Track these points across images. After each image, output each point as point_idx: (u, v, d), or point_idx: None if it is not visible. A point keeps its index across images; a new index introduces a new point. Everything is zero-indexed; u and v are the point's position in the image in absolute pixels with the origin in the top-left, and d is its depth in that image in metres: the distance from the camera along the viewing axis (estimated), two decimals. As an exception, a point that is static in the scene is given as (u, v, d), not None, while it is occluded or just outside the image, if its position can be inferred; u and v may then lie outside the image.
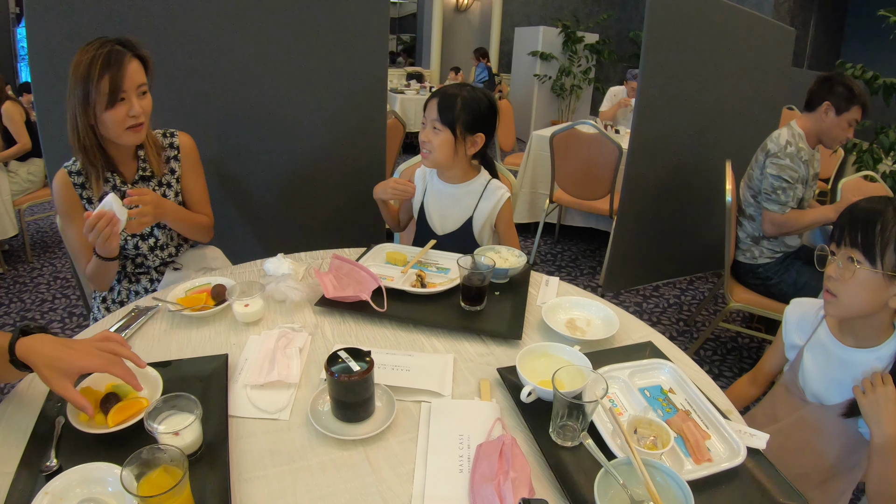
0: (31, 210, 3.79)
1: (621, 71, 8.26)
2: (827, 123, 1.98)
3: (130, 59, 1.22)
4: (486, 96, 1.44)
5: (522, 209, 3.72)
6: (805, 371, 1.13)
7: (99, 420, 0.81)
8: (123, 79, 1.20)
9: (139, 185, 1.39)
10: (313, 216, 2.10)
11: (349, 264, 1.25)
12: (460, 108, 1.38)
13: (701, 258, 2.99)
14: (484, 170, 1.56)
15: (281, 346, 1.01)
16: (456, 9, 8.43)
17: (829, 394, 1.09)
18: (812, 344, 1.13)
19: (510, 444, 0.76)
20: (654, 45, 2.30)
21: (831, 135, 2.00)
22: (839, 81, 1.93)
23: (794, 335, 1.17)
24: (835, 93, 1.93)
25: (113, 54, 1.19)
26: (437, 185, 1.56)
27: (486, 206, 1.51)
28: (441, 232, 1.56)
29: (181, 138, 1.46)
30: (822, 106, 1.96)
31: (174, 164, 1.44)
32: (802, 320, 1.16)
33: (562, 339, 1.09)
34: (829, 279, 1.03)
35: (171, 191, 1.44)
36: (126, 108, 1.22)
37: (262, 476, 0.75)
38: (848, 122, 1.95)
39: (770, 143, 2.05)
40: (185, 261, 1.51)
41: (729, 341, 2.66)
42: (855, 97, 1.91)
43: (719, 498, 0.75)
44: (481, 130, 1.44)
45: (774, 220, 2.03)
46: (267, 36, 1.82)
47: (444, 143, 1.41)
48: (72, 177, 1.31)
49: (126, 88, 1.21)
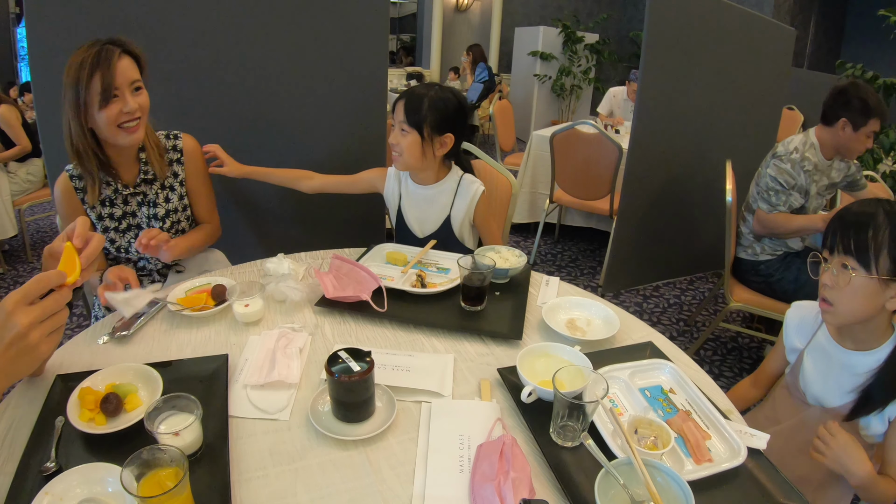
0: (31, 210, 3.79)
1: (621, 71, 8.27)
2: (844, 139, 1.94)
3: (121, 56, 1.20)
4: (454, 96, 1.42)
5: (522, 209, 3.72)
6: (805, 374, 1.13)
7: (99, 420, 0.81)
8: (114, 76, 1.18)
9: (141, 189, 1.38)
10: (313, 216, 2.10)
11: (349, 264, 1.25)
12: (427, 108, 1.36)
13: (701, 258, 2.99)
14: (455, 167, 1.54)
15: (281, 346, 1.01)
16: (456, 9, 8.43)
17: (829, 396, 1.09)
18: (812, 347, 1.13)
19: (510, 444, 0.76)
20: (654, 45, 2.30)
21: (850, 148, 1.95)
22: (855, 95, 1.87)
23: (795, 338, 1.17)
24: (850, 108, 1.88)
25: (102, 53, 1.18)
26: (411, 189, 1.54)
27: (462, 203, 1.51)
28: (421, 235, 1.56)
29: (185, 140, 1.45)
30: (839, 122, 1.92)
31: (177, 167, 1.44)
32: (802, 323, 1.16)
33: (562, 339, 1.09)
34: (825, 288, 1.02)
35: (174, 194, 1.43)
36: (119, 105, 1.21)
37: (262, 476, 0.75)
38: (866, 135, 1.90)
39: (780, 146, 2.05)
40: (188, 264, 1.51)
41: (729, 341, 2.66)
42: (871, 110, 1.86)
43: (720, 498, 0.75)
44: (450, 130, 1.41)
45: (761, 218, 2.05)
46: (266, 36, 1.82)
47: (412, 145, 1.39)
48: (73, 181, 1.31)
49: (118, 85, 1.20)
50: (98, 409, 0.82)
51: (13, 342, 0.63)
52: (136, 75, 1.24)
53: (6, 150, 3.10)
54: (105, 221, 1.36)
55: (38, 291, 0.65)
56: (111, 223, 1.36)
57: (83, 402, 0.82)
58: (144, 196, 1.40)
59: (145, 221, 1.40)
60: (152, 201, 1.40)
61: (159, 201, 1.41)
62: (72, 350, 1.02)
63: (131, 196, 1.38)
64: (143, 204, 1.39)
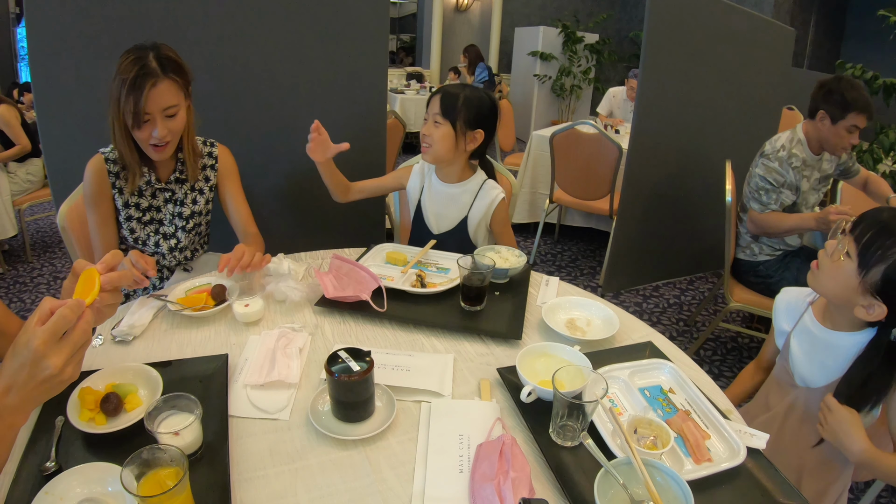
0: (31, 210, 3.79)
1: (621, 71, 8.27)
2: (824, 132, 1.95)
3: (158, 82, 1.20)
4: (488, 97, 1.47)
5: (522, 209, 3.72)
6: (793, 355, 1.16)
7: (99, 420, 0.81)
8: (146, 104, 1.19)
9: (171, 186, 1.40)
10: (313, 216, 2.10)
11: (349, 264, 1.25)
12: (462, 103, 1.41)
13: (701, 258, 2.99)
14: (481, 170, 1.57)
15: (281, 346, 1.01)
16: (456, 9, 8.42)
17: (814, 377, 1.12)
18: (798, 330, 1.17)
19: (510, 443, 0.76)
20: (654, 45, 2.30)
21: (830, 143, 1.97)
22: (834, 89, 1.88)
23: (783, 321, 1.21)
24: (828, 101, 1.90)
25: (139, 76, 1.17)
26: (434, 184, 1.57)
27: (481, 205, 1.53)
28: (437, 231, 1.57)
29: (220, 151, 1.48)
30: (818, 115, 1.94)
31: (210, 172, 1.46)
32: (790, 307, 1.21)
33: (562, 339, 1.09)
34: (824, 253, 1.06)
35: (202, 197, 1.45)
36: (150, 128, 1.23)
37: (262, 476, 0.75)
38: (846, 129, 1.90)
39: (767, 144, 2.06)
40: (197, 265, 1.53)
41: (729, 341, 2.66)
42: (849, 105, 1.85)
43: (719, 498, 0.75)
44: (481, 127, 1.46)
45: (754, 218, 2.06)
46: (266, 36, 1.82)
47: (444, 137, 1.43)
48: (108, 164, 1.32)
49: (150, 111, 1.21)
50: (98, 409, 0.82)
51: (46, 380, 0.63)
52: (172, 100, 1.24)
53: (6, 150, 3.11)
54: (130, 210, 1.37)
55: (64, 327, 0.64)
56: (136, 213, 1.38)
57: (83, 403, 0.82)
58: (173, 194, 1.42)
59: (168, 219, 1.42)
60: (180, 200, 1.43)
61: (187, 202, 1.43)
62: (72, 350, 1.02)
63: (160, 191, 1.40)
64: (169, 201, 1.42)
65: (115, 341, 1.04)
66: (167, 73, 1.22)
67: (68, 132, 1.70)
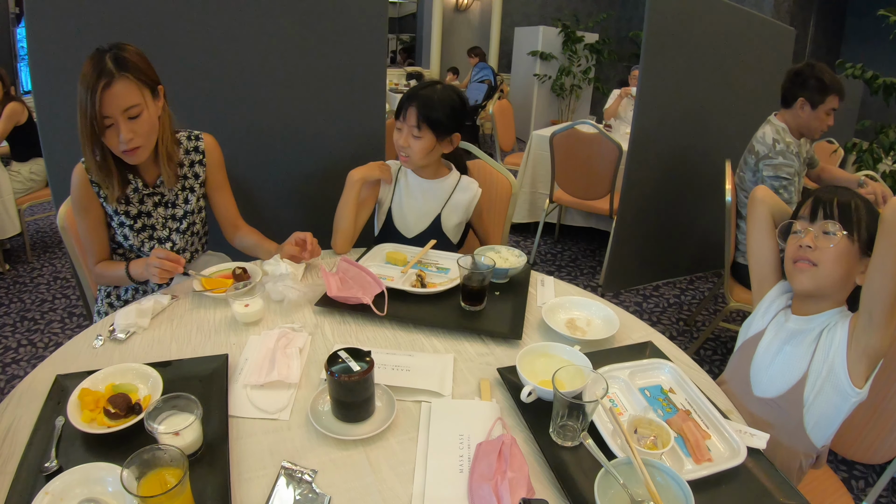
0: (32, 210, 3.78)
1: (621, 71, 8.26)
2: (805, 118, 2.01)
3: (113, 81, 1.12)
4: (457, 94, 1.48)
5: (522, 209, 3.72)
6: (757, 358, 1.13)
7: (99, 420, 0.81)
8: (102, 105, 1.13)
9: (159, 189, 1.38)
10: (313, 216, 2.10)
11: (356, 268, 1.24)
12: (438, 112, 1.41)
13: (701, 258, 2.99)
14: (455, 169, 1.60)
15: (281, 346, 1.01)
16: (456, 9, 8.43)
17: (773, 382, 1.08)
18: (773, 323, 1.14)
19: (509, 443, 0.76)
20: (654, 45, 2.30)
21: (811, 127, 2.03)
22: (810, 75, 1.96)
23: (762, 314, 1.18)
24: (807, 87, 1.97)
25: (95, 79, 1.11)
26: (411, 180, 1.58)
27: (463, 197, 1.56)
28: (408, 235, 1.58)
29: (207, 141, 1.43)
30: (798, 102, 2.00)
31: (199, 168, 1.42)
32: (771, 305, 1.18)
33: (562, 339, 1.09)
34: (807, 250, 1.03)
35: (193, 195, 1.42)
36: (115, 134, 1.17)
37: (262, 476, 0.75)
38: (825, 112, 1.99)
39: (758, 145, 2.07)
40: (196, 266, 1.51)
41: (729, 341, 2.66)
42: (827, 87, 1.94)
43: (719, 498, 0.75)
44: (457, 130, 1.49)
45: None
46: (265, 36, 1.82)
47: (423, 148, 1.45)
48: (88, 173, 1.28)
49: (109, 114, 1.15)
50: (99, 409, 0.82)
51: None
52: (132, 100, 1.16)
53: (12, 148, 3.09)
54: (121, 217, 1.35)
55: None
56: (127, 220, 1.35)
57: (83, 403, 0.82)
58: (162, 197, 1.38)
59: (161, 223, 1.39)
60: (171, 202, 1.39)
61: (178, 202, 1.40)
62: (71, 350, 1.02)
63: (148, 196, 1.37)
64: (159, 205, 1.39)
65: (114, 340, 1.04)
66: (123, 71, 1.14)
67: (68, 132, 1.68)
